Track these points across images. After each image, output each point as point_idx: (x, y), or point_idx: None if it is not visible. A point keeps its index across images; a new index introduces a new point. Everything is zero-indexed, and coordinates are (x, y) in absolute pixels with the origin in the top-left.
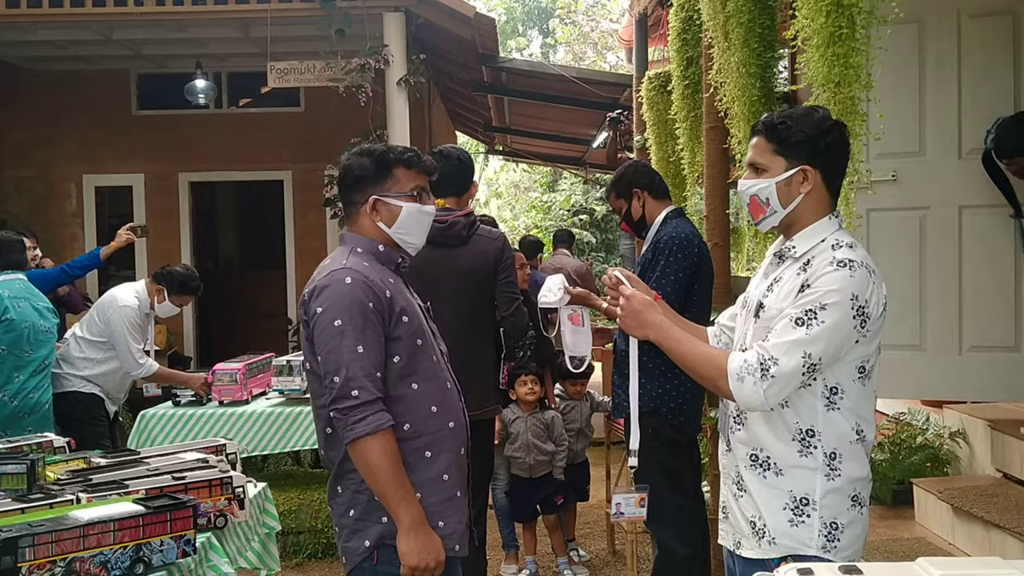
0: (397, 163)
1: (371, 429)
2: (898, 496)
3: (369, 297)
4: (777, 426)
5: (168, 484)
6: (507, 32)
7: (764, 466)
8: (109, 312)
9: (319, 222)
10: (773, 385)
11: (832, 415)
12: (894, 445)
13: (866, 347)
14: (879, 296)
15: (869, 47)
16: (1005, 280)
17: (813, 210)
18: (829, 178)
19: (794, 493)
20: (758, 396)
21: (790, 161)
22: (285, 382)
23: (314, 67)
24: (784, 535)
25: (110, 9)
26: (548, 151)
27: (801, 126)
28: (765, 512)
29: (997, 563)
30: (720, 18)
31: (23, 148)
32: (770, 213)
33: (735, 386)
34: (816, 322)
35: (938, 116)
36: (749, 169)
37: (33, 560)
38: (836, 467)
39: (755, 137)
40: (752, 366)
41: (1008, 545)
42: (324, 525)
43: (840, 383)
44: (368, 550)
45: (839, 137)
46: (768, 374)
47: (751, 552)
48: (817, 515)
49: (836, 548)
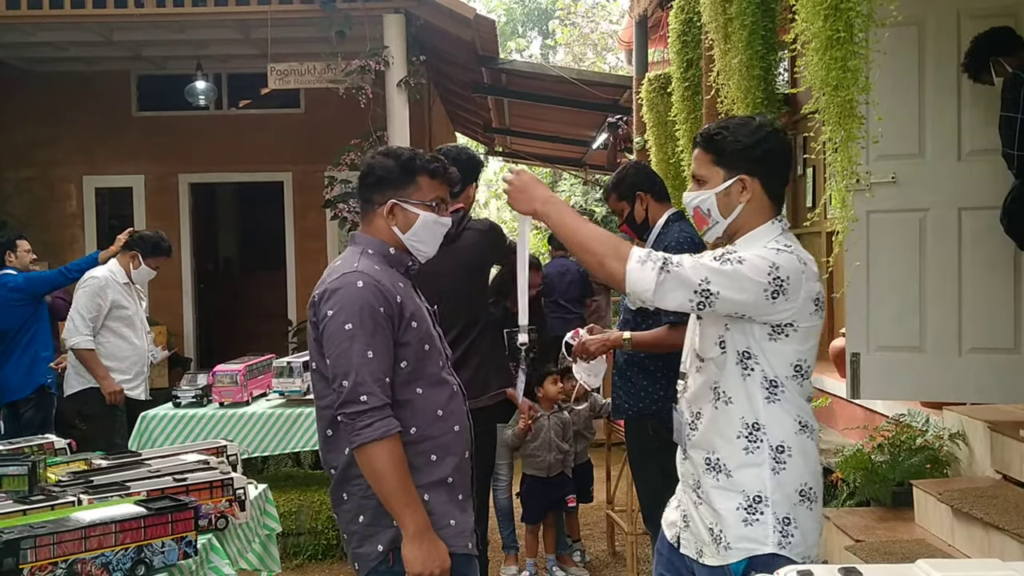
0: (422, 171)
1: (379, 435)
2: (898, 498)
3: (380, 302)
4: (723, 425)
5: (169, 486)
6: (507, 33)
7: (716, 469)
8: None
9: (319, 223)
10: (667, 280)
11: (773, 407)
12: (894, 447)
13: (800, 344)
14: (808, 288)
15: (868, 50)
16: (1004, 282)
17: (755, 217)
18: (768, 186)
19: (746, 492)
20: (650, 281)
21: (728, 171)
22: (285, 383)
23: (314, 68)
24: (740, 538)
25: (110, 11)
26: (548, 152)
27: (737, 136)
28: (721, 518)
29: (997, 565)
30: (721, 20)
31: (23, 149)
32: (713, 224)
33: (634, 266)
34: (730, 264)
35: (938, 118)
36: (692, 181)
37: (35, 561)
38: (783, 460)
39: (696, 149)
40: (657, 257)
41: (1007, 547)
42: (324, 526)
43: (778, 377)
44: (382, 554)
45: (776, 145)
46: (666, 270)
47: (712, 560)
48: (770, 511)
49: (791, 544)
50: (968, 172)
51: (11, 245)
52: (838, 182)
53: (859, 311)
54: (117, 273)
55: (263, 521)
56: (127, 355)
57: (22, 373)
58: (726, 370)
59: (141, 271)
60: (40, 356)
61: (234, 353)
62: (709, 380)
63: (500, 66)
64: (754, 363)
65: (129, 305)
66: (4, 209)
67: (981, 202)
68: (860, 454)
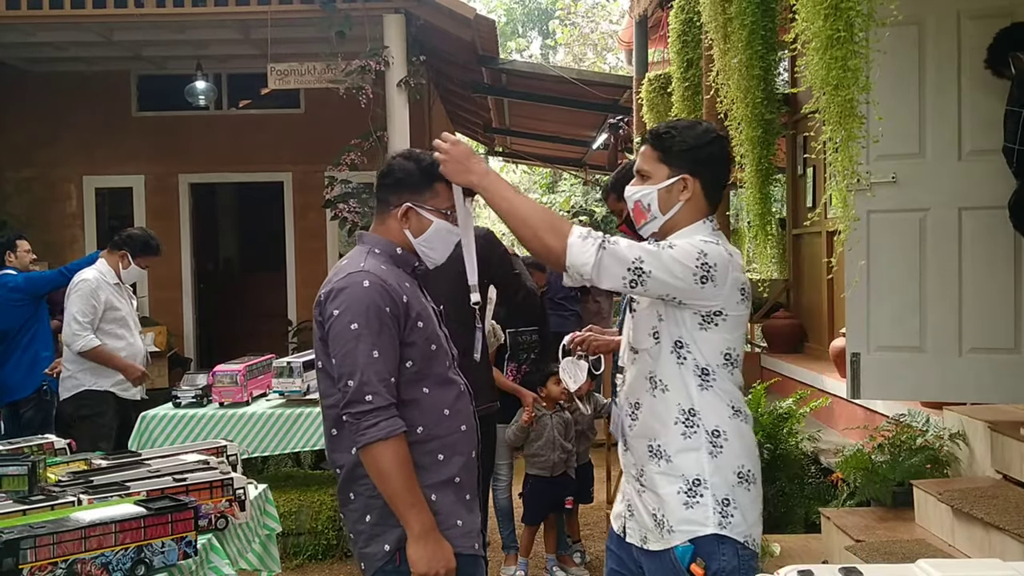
0: (442, 178)
1: (384, 434)
2: (898, 498)
3: (386, 301)
4: (661, 412)
5: (169, 486)
6: (507, 33)
7: (658, 455)
8: (69, 293)
9: (319, 223)
10: (605, 257)
11: (707, 394)
12: (894, 447)
13: (729, 332)
14: (734, 277)
15: (868, 50)
16: (1005, 282)
17: (689, 215)
18: (708, 188)
19: (686, 476)
20: (590, 256)
21: (672, 169)
22: (285, 383)
23: (314, 68)
24: (681, 520)
25: (110, 11)
26: (548, 152)
27: (684, 137)
28: (663, 502)
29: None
30: (721, 20)
31: (23, 149)
32: (651, 219)
33: (575, 240)
34: (663, 250)
35: (938, 118)
36: (636, 175)
37: (35, 562)
38: (719, 444)
39: (644, 145)
40: (596, 235)
41: (1008, 547)
42: (324, 527)
43: (710, 365)
44: (389, 554)
45: (719, 150)
46: (604, 247)
47: (656, 545)
48: (709, 493)
49: (731, 524)
50: (969, 172)
51: (11, 245)
52: (838, 182)
53: (859, 311)
54: (107, 274)
55: (263, 521)
56: (123, 356)
57: (22, 373)
58: (661, 359)
59: (131, 270)
60: (41, 356)
61: (234, 353)
62: (644, 370)
63: (500, 66)
64: (687, 352)
65: (121, 306)
66: (4, 209)
67: (981, 202)
68: (860, 454)
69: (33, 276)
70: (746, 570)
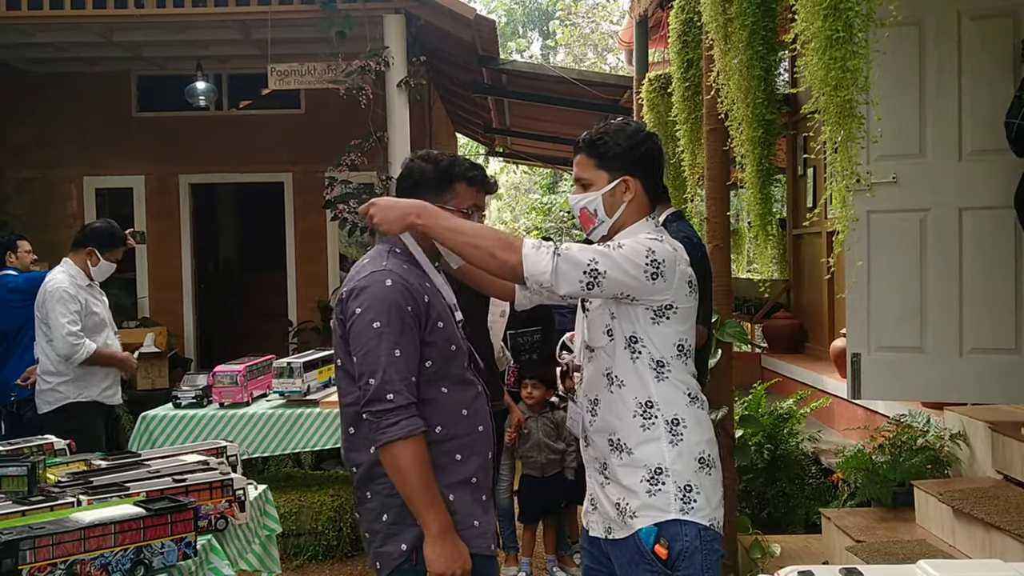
0: (460, 178)
1: (404, 433)
2: (898, 498)
3: (408, 301)
4: (619, 407)
5: (169, 486)
6: (507, 34)
7: (619, 448)
8: (45, 302)
9: (319, 224)
10: (560, 263)
11: (663, 384)
12: (894, 447)
13: (681, 324)
14: (681, 271)
15: (867, 50)
16: (1006, 282)
17: (634, 214)
18: (647, 184)
19: (648, 466)
20: (547, 265)
21: (611, 173)
22: (285, 384)
23: (314, 69)
24: (643, 506)
25: (110, 11)
26: (548, 153)
27: (617, 140)
28: (628, 491)
29: (998, 565)
30: (721, 20)
31: (24, 150)
32: (599, 223)
33: (529, 251)
34: (613, 250)
35: (938, 118)
36: (577, 185)
37: (34, 562)
38: (679, 432)
39: (578, 155)
40: (548, 244)
41: (1008, 547)
42: (325, 527)
43: (664, 357)
44: (406, 553)
45: (651, 146)
46: (558, 254)
47: (620, 533)
48: (671, 481)
49: (693, 509)
50: (969, 172)
51: (11, 245)
52: (838, 182)
53: (860, 311)
54: (77, 276)
55: (263, 522)
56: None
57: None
58: (616, 356)
59: (101, 267)
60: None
61: (234, 354)
62: (600, 367)
63: (500, 66)
64: (641, 346)
65: (99, 308)
66: (4, 209)
67: (982, 202)
68: (861, 454)
69: (34, 277)
70: (708, 551)
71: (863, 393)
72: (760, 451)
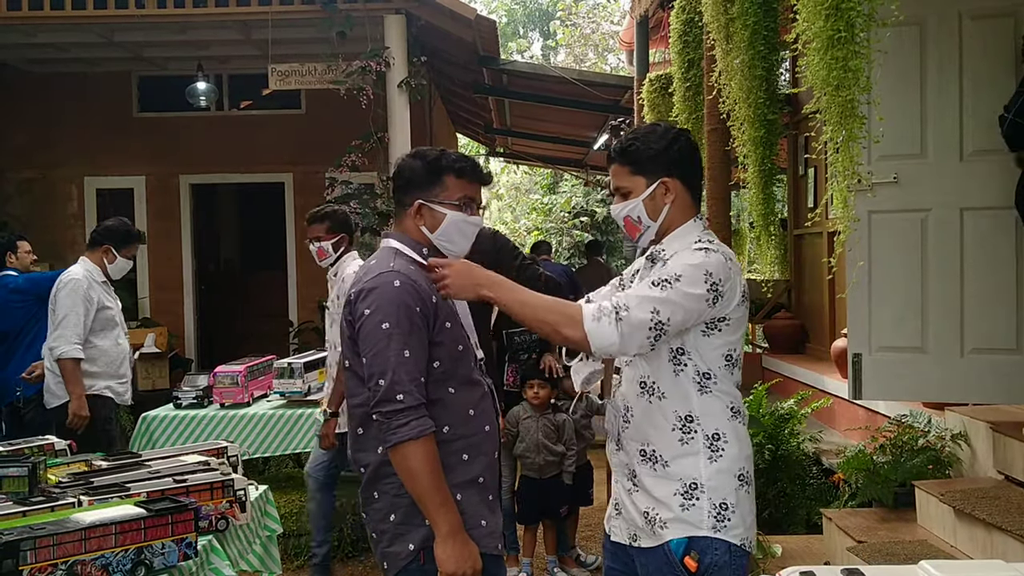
0: (448, 170)
1: (415, 434)
2: (899, 498)
3: (416, 301)
4: (657, 419)
5: (169, 487)
6: (508, 34)
7: (652, 460)
8: (57, 292)
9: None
10: (625, 328)
11: (706, 398)
12: (896, 447)
13: (731, 335)
14: (736, 284)
15: (869, 50)
16: (1007, 282)
17: (679, 215)
18: (688, 183)
19: (683, 480)
20: (614, 335)
21: (648, 178)
22: (286, 384)
23: (315, 69)
24: (676, 520)
25: (111, 12)
26: (549, 153)
27: (648, 143)
28: (658, 502)
29: (999, 566)
30: (722, 20)
31: (24, 150)
32: (644, 229)
33: (591, 326)
34: (670, 287)
35: (939, 118)
36: (616, 195)
37: (35, 563)
38: (719, 448)
39: (612, 164)
40: (607, 309)
41: (1010, 547)
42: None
43: (711, 369)
44: (413, 553)
45: (685, 143)
46: (620, 318)
47: (648, 542)
48: (706, 497)
49: (726, 527)
50: (970, 172)
51: (11, 246)
52: (839, 182)
53: (861, 312)
54: (94, 272)
55: (264, 522)
56: (114, 358)
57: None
58: (657, 366)
59: (118, 264)
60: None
61: (235, 354)
62: (636, 375)
63: (501, 67)
64: (687, 359)
65: (112, 305)
66: (5, 210)
67: (983, 202)
68: (862, 455)
69: (34, 277)
70: (737, 567)
71: (864, 393)
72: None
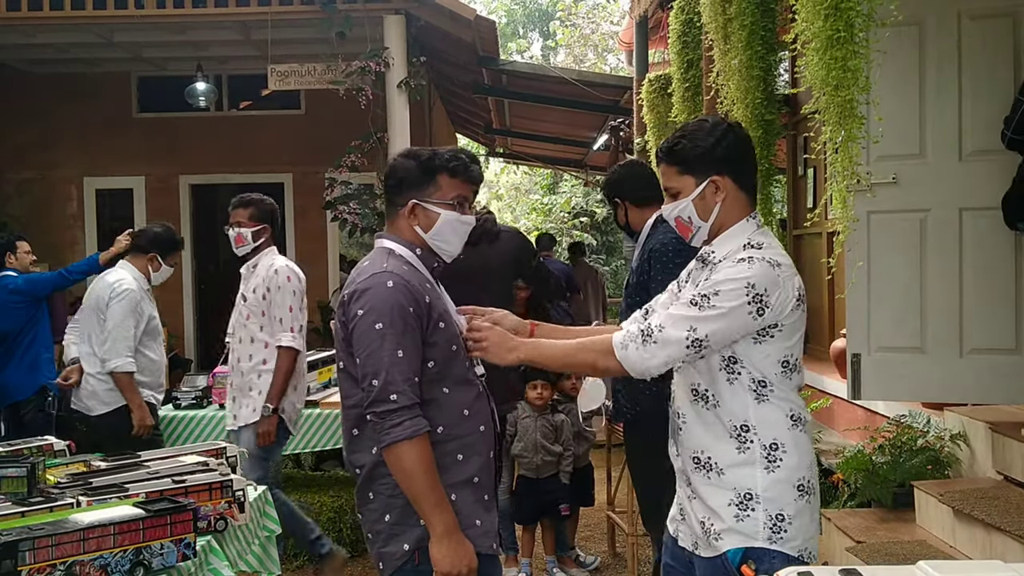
0: (441, 170)
1: (408, 434)
2: (898, 499)
3: (410, 301)
4: (713, 426)
5: (168, 487)
6: (507, 34)
7: (707, 467)
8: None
9: (319, 225)
10: (652, 349)
11: (763, 406)
12: (895, 448)
13: (786, 340)
14: (788, 289)
15: (868, 50)
16: (1006, 282)
17: (732, 213)
18: (740, 179)
19: (737, 489)
20: (640, 360)
21: (697, 177)
22: None
23: (314, 70)
24: (730, 531)
25: (110, 12)
26: (548, 153)
27: (695, 141)
28: (712, 512)
29: (998, 566)
30: (721, 20)
31: (24, 151)
32: (696, 229)
33: (621, 355)
34: (708, 305)
35: (939, 118)
36: (667, 195)
37: (33, 564)
38: (776, 458)
39: (660, 164)
40: (633, 334)
41: (1009, 548)
42: (324, 528)
43: (767, 377)
44: (408, 553)
45: (735, 138)
46: (650, 340)
47: (707, 552)
48: (761, 508)
49: (783, 539)
50: (969, 172)
51: (11, 246)
52: (839, 182)
53: (860, 312)
54: (141, 280)
55: (263, 523)
56: (159, 367)
57: (23, 375)
58: (709, 374)
59: (162, 272)
60: (42, 358)
61: None
62: (688, 381)
63: (501, 67)
64: (740, 367)
65: (156, 314)
66: (5, 210)
67: (982, 203)
68: (861, 455)
69: (33, 278)
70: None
71: (863, 393)
72: None
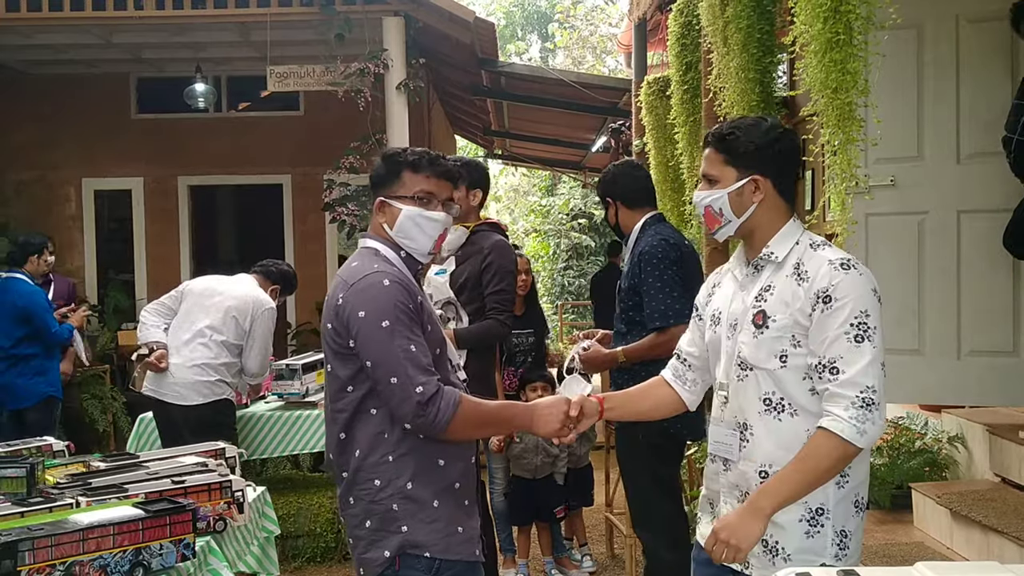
0: (404, 165)
1: (451, 411)
2: (897, 500)
3: (407, 299)
4: (788, 438)
5: (167, 488)
6: (506, 36)
7: None
8: (256, 314)
9: (318, 226)
10: (880, 409)
11: None
12: (893, 449)
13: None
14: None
15: (867, 53)
16: (1003, 285)
17: (774, 216)
18: (780, 185)
19: (809, 504)
20: (879, 429)
21: (740, 171)
22: (284, 386)
23: (313, 71)
24: (799, 549)
25: (109, 13)
26: (547, 155)
27: (750, 136)
28: (780, 528)
29: (995, 568)
30: (719, 23)
31: (23, 152)
32: (725, 223)
33: (863, 441)
34: (871, 330)
35: (936, 121)
36: (703, 180)
37: (33, 564)
38: (846, 472)
39: (707, 149)
40: (860, 414)
41: (1006, 549)
42: (323, 529)
43: None
44: (388, 560)
45: (788, 145)
46: (874, 407)
47: (764, 572)
48: (830, 524)
49: (846, 555)
50: (967, 175)
51: (39, 250)
52: (837, 184)
53: None
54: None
55: (262, 524)
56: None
57: (28, 380)
58: (788, 383)
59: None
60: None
61: None
62: (757, 391)
63: (499, 69)
64: None
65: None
66: (3, 211)
67: (980, 205)
68: None
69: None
70: None
71: None
72: None
